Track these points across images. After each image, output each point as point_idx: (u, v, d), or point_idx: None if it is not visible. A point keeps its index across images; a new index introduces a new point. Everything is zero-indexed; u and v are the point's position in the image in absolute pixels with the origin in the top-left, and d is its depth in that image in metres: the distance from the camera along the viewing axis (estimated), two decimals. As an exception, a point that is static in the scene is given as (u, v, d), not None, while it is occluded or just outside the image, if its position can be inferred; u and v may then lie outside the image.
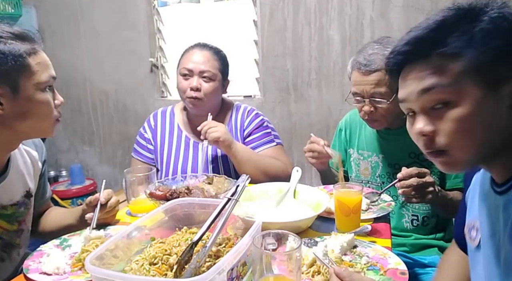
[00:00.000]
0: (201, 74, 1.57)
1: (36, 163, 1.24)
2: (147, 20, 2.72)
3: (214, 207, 0.89)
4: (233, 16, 2.55)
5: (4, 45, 0.95)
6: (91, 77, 2.97)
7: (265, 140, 1.66)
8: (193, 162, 1.63)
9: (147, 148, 1.70)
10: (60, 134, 3.14)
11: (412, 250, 1.41)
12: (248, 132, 1.67)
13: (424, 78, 0.69)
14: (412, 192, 1.18)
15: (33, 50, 1.00)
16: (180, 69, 1.62)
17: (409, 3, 2.10)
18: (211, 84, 1.58)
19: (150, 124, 1.72)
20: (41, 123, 1.04)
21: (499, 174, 0.75)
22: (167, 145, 1.67)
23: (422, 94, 0.70)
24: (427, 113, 0.71)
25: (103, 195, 1.17)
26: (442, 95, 0.68)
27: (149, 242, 0.89)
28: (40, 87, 1.00)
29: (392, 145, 1.47)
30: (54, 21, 2.95)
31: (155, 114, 1.76)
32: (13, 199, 1.13)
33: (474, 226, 0.85)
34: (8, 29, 0.98)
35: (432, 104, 0.69)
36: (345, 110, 2.12)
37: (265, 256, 0.72)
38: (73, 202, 2.76)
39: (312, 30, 2.31)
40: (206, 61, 1.59)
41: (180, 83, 1.61)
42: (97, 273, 0.70)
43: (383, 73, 1.29)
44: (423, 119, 0.71)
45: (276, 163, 1.58)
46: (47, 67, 1.03)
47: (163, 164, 1.66)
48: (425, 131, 0.70)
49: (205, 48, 1.63)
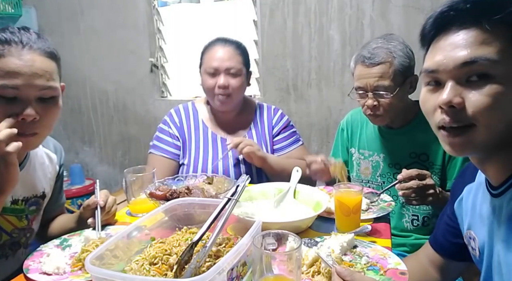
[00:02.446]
0: (227, 71, 1.56)
1: (54, 166, 1.26)
2: (147, 20, 2.72)
3: (214, 207, 0.89)
4: (233, 16, 2.55)
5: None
6: (91, 77, 2.97)
7: (292, 139, 1.70)
8: (224, 159, 1.61)
9: (173, 144, 1.64)
10: (60, 134, 3.14)
11: (412, 250, 1.41)
12: (276, 131, 1.69)
13: (471, 47, 0.64)
14: (412, 194, 1.18)
15: None
16: (205, 68, 1.59)
17: (409, 3, 2.10)
18: (238, 80, 1.58)
19: (174, 120, 1.67)
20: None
21: (494, 175, 0.74)
22: (194, 141, 1.65)
23: (464, 64, 0.65)
24: (459, 83, 0.66)
25: (101, 197, 1.17)
26: (486, 69, 0.64)
27: (149, 242, 0.89)
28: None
29: (393, 145, 1.47)
30: (54, 21, 2.95)
31: (177, 110, 1.71)
32: (25, 196, 1.14)
33: (471, 236, 0.85)
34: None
35: (470, 75, 0.65)
36: (345, 110, 2.13)
37: (265, 256, 0.72)
38: (73, 202, 2.76)
39: (312, 30, 2.31)
40: (231, 57, 1.57)
41: (206, 82, 1.58)
42: (97, 273, 0.70)
43: (387, 66, 1.30)
44: (454, 90, 0.66)
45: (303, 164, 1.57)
46: (6, 75, 0.93)
47: (190, 160, 1.62)
48: (454, 102, 0.65)
49: (227, 43, 1.61)
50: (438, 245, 1.00)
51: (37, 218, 1.21)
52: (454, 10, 0.66)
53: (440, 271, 1.01)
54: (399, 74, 1.32)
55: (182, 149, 1.65)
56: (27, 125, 0.96)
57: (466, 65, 0.65)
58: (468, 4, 0.65)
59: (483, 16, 0.64)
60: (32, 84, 0.96)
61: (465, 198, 0.89)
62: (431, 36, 0.72)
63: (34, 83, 0.96)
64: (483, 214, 0.80)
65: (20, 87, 0.94)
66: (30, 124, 0.96)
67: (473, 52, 0.64)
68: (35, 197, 1.17)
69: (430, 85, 0.72)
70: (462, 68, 0.65)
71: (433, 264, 1.02)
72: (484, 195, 0.80)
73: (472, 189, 0.86)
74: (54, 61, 1.03)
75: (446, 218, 0.98)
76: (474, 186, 0.86)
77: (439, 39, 0.70)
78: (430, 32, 0.71)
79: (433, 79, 0.71)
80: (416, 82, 1.39)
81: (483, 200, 0.80)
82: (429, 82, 0.72)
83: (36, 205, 1.18)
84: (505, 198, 0.72)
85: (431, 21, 0.71)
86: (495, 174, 0.74)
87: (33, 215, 1.18)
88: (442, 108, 0.68)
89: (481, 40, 0.64)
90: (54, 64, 1.03)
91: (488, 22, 0.64)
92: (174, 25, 2.74)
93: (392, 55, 1.31)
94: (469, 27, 0.65)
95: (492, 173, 0.75)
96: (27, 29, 1.01)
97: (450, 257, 0.99)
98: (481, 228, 0.80)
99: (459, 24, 0.66)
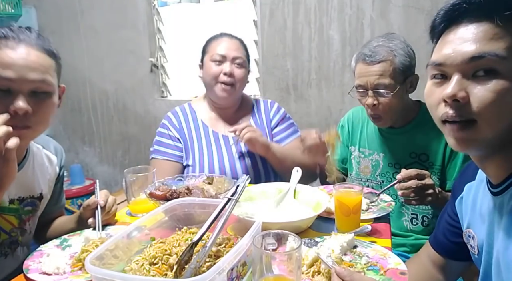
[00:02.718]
0: (234, 60, 1.60)
1: (53, 167, 1.25)
2: (147, 20, 2.72)
3: (214, 207, 0.89)
4: (233, 16, 2.55)
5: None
6: (91, 77, 2.97)
7: (291, 130, 1.72)
8: (229, 157, 1.62)
9: (175, 146, 1.64)
10: (60, 134, 3.14)
11: (412, 250, 1.41)
12: (274, 123, 1.71)
13: (481, 42, 0.64)
14: (411, 194, 1.18)
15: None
16: (211, 55, 1.61)
17: (409, 3, 2.10)
18: (243, 71, 1.62)
19: (172, 123, 1.67)
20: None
21: (495, 174, 0.74)
22: (196, 142, 1.65)
23: (472, 59, 0.64)
24: (465, 78, 0.66)
25: (101, 197, 1.17)
26: (494, 65, 0.63)
27: (149, 242, 0.89)
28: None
29: (393, 144, 1.47)
30: (54, 21, 2.95)
31: (174, 112, 1.71)
32: (20, 195, 1.14)
33: (470, 234, 0.85)
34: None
35: (477, 70, 0.65)
36: (345, 110, 2.13)
37: (265, 256, 0.72)
38: (73, 202, 2.76)
39: (312, 30, 2.31)
40: (238, 48, 1.63)
41: (211, 69, 1.59)
42: (97, 273, 0.70)
43: (387, 64, 1.30)
44: (459, 84, 0.66)
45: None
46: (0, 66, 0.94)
47: (195, 160, 1.62)
48: (459, 96, 0.65)
49: (233, 37, 1.66)
50: (439, 244, 1.00)
51: (33, 219, 1.20)
52: (467, 3, 0.66)
53: (442, 271, 1.01)
54: (399, 72, 1.32)
55: (184, 150, 1.65)
56: (20, 118, 0.96)
57: (474, 59, 0.64)
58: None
59: (495, 10, 0.63)
60: (25, 76, 0.96)
61: (466, 196, 0.89)
62: (441, 29, 0.71)
63: (27, 75, 0.96)
64: (483, 213, 0.80)
65: (13, 79, 0.95)
66: (22, 118, 0.96)
67: (482, 47, 0.64)
68: (32, 197, 1.17)
69: (436, 78, 0.71)
70: (469, 62, 0.65)
71: (434, 264, 1.02)
72: (485, 193, 0.80)
73: (473, 188, 0.86)
74: (52, 58, 1.03)
75: (447, 217, 0.98)
76: (475, 185, 0.86)
77: (448, 32, 0.69)
78: (440, 25, 0.71)
79: (440, 72, 0.70)
80: (416, 81, 1.39)
81: (484, 199, 0.80)
82: (435, 75, 0.71)
83: (32, 205, 1.18)
84: (506, 196, 0.72)
85: (442, 13, 0.70)
86: (496, 173, 0.74)
87: (27, 215, 1.17)
88: (446, 102, 0.67)
89: (491, 35, 0.63)
90: (51, 61, 1.03)
91: (500, 17, 0.63)
92: (174, 25, 2.74)
93: (393, 53, 1.31)
94: (481, 21, 0.65)
95: (493, 171, 0.75)
96: (28, 28, 1.02)
97: (451, 256, 0.98)
98: (480, 227, 0.81)
99: (470, 18, 0.66)
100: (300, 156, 1.54)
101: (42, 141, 1.24)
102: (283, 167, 1.54)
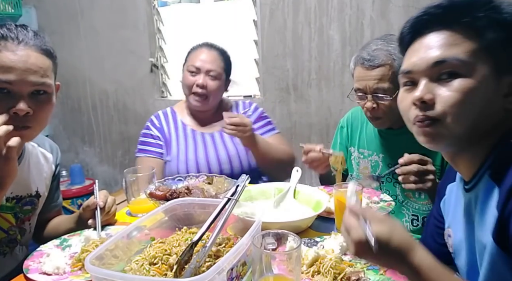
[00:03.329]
0: (208, 73, 1.67)
1: (49, 165, 1.26)
2: (147, 20, 2.72)
3: (214, 207, 0.89)
4: (233, 16, 2.55)
5: None
6: (91, 77, 2.97)
7: (268, 128, 1.79)
8: (206, 152, 1.69)
9: (156, 144, 1.72)
10: (60, 134, 3.14)
11: (412, 250, 1.41)
12: (252, 121, 1.72)
13: (442, 48, 0.71)
14: (412, 178, 1.17)
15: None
16: (187, 66, 1.70)
17: (409, 3, 2.10)
18: (216, 82, 1.68)
19: (154, 124, 1.77)
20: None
21: (465, 171, 0.77)
22: (175, 139, 1.73)
23: (436, 64, 0.71)
24: (432, 81, 0.72)
25: (100, 197, 1.17)
26: (455, 68, 0.69)
27: (149, 242, 0.89)
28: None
29: (392, 145, 1.47)
30: (54, 21, 2.95)
31: (157, 115, 1.81)
32: (17, 194, 1.13)
33: (449, 234, 0.87)
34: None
35: (441, 73, 0.71)
36: (345, 110, 2.12)
37: (265, 256, 0.72)
38: (73, 202, 2.76)
39: (312, 30, 2.31)
40: (213, 61, 1.69)
41: (187, 79, 1.69)
42: (97, 273, 0.70)
43: (386, 69, 1.30)
44: (426, 87, 0.72)
45: (284, 149, 1.72)
46: (0, 69, 0.95)
47: (172, 156, 1.70)
48: (426, 98, 0.71)
49: (212, 48, 1.73)
50: (427, 247, 1.00)
51: (33, 218, 1.20)
52: (427, 15, 0.74)
53: None
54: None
55: (165, 147, 1.73)
56: (20, 119, 0.97)
57: (437, 64, 0.71)
58: (440, 9, 0.72)
59: (453, 20, 0.71)
60: (26, 79, 0.96)
61: (448, 197, 0.91)
62: (408, 41, 0.78)
63: (28, 78, 0.97)
64: (459, 211, 0.82)
65: (14, 82, 0.95)
66: (23, 118, 0.97)
67: (444, 52, 0.71)
68: (30, 196, 1.17)
69: (407, 85, 0.78)
70: (434, 67, 0.71)
71: None
72: (459, 191, 0.82)
73: (454, 188, 0.89)
74: (50, 58, 1.04)
75: (433, 219, 0.99)
76: (455, 186, 0.88)
77: (414, 43, 0.77)
78: (407, 36, 0.78)
79: (409, 79, 0.77)
80: None
81: (459, 197, 0.82)
82: (406, 82, 0.78)
83: (31, 204, 1.18)
84: (474, 192, 0.75)
85: (407, 26, 0.78)
86: (466, 169, 0.77)
87: (27, 215, 1.17)
88: (416, 104, 0.73)
89: (451, 42, 0.70)
90: (49, 61, 1.03)
91: (457, 25, 0.70)
92: (174, 25, 2.74)
93: (391, 57, 1.31)
94: (441, 30, 0.72)
95: (463, 168, 0.78)
96: (24, 27, 1.02)
97: (441, 259, 0.99)
98: (457, 225, 0.83)
99: (432, 28, 0.73)
100: (280, 150, 1.67)
101: (37, 140, 1.23)
102: (265, 159, 1.63)
